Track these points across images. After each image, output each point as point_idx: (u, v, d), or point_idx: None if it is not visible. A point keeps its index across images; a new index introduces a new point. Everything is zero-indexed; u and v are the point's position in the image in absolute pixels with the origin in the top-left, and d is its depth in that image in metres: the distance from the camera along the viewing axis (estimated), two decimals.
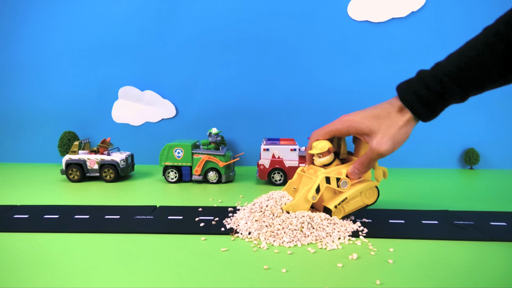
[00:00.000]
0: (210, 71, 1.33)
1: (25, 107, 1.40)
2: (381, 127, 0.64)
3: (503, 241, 0.63)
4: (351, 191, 0.69)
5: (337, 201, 0.68)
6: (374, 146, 0.64)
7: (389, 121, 0.64)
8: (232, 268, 0.54)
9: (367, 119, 0.66)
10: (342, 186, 0.69)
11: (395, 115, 0.64)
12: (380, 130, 0.64)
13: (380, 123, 0.64)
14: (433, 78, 0.60)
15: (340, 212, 0.69)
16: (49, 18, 1.34)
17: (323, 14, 1.26)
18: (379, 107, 0.66)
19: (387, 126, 0.64)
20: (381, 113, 0.65)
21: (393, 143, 0.63)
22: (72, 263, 0.55)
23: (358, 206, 0.71)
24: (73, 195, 0.96)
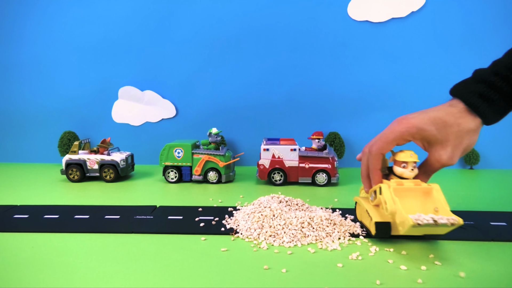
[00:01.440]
0: (210, 71, 1.33)
1: (25, 107, 1.40)
2: (450, 137, 0.58)
3: (503, 241, 0.63)
4: None
5: None
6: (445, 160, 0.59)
7: (458, 130, 0.58)
8: (232, 268, 0.54)
9: (433, 125, 0.59)
10: None
11: (464, 122, 0.58)
12: (449, 142, 0.58)
13: (448, 132, 0.58)
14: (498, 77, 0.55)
15: None
16: (49, 18, 1.34)
17: (323, 14, 1.26)
18: (442, 110, 0.59)
19: (456, 137, 0.58)
20: (447, 119, 0.58)
21: (462, 154, 0.60)
22: (72, 263, 0.55)
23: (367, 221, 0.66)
24: (73, 195, 0.96)
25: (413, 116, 0.60)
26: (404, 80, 1.26)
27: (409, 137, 0.60)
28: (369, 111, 1.29)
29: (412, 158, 0.61)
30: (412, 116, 0.60)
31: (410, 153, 0.62)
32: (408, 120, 0.60)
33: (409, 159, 0.61)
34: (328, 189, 1.01)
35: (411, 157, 0.61)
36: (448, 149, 0.59)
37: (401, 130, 0.60)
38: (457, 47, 1.24)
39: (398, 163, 0.62)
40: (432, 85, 1.25)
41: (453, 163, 0.60)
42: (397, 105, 1.27)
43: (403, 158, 0.62)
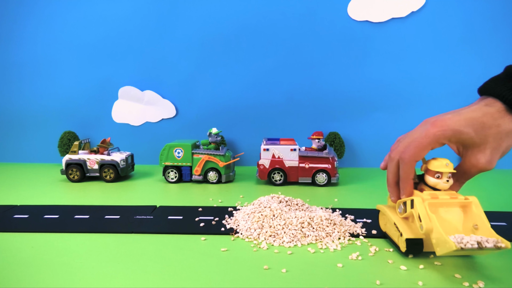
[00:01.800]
0: (210, 71, 1.33)
1: (25, 107, 1.40)
2: (489, 139, 0.53)
3: None
4: None
5: None
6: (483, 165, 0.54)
7: (498, 132, 0.53)
8: (232, 268, 0.54)
9: (470, 127, 0.53)
10: None
11: (504, 123, 0.53)
12: (488, 144, 0.53)
13: (486, 134, 0.53)
14: None
15: None
16: (49, 18, 1.34)
17: (323, 14, 1.26)
18: (478, 110, 0.54)
19: (495, 139, 0.53)
20: (485, 120, 0.53)
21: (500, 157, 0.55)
22: (72, 263, 0.55)
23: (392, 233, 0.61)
24: (73, 195, 0.96)
25: (448, 117, 0.54)
26: (404, 80, 1.26)
27: (445, 141, 0.55)
28: (369, 111, 1.29)
29: (448, 168, 0.55)
30: (446, 117, 0.54)
31: (445, 162, 0.56)
32: (444, 122, 0.54)
33: (444, 169, 0.55)
34: (328, 189, 1.01)
35: (446, 166, 0.55)
36: (487, 152, 0.54)
37: (436, 133, 0.54)
38: (457, 47, 1.24)
39: (432, 172, 0.56)
40: (432, 85, 1.25)
41: (492, 168, 0.54)
42: (397, 105, 1.27)
43: (438, 168, 0.55)
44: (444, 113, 0.56)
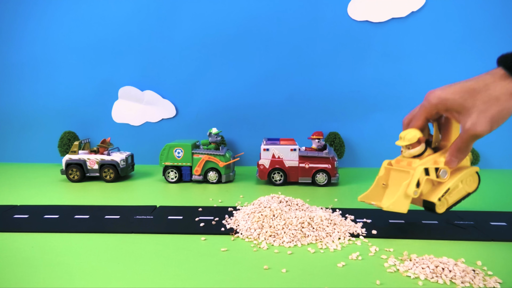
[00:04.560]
0: (210, 71, 1.33)
1: (25, 107, 1.40)
2: (476, 103, 0.54)
3: (503, 241, 0.63)
4: (452, 181, 0.62)
5: (440, 193, 0.62)
6: (468, 127, 0.55)
7: (487, 95, 0.53)
8: (232, 268, 0.54)
9: (458, 94, 0.55)
10: (442, 176, 0.62)
11: (496, 87, 0.53)
12: (475, 107, 0.54)
13: (475, 99, 0.54)
14: None
15: (443, 205, 0.64)
16: (49, 18, 1.34)
17: (323, 14, 1.26)
18: (475, 78, 0.56)
19: (483, 102, 0.53)
20: (476, 85, 0.54)
21: (491, 123, 0.54)
22: (72, 263, 0.55)
23: (461, 195, 0.66)
24: (73, 195, 0.96)
25: (441, 88, 0.58)
26: (404, 80, 1.26)
27: (435, 110, 0.58)
28: (369, 111, 1.29)
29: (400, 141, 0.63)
30: (438, 89, 0.58)
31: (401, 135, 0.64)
32: (433, 93, 0.58)
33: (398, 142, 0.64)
34: (328, 189, 1.01)
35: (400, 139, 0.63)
36: (473, 116, 0.54)
37: (425, 104, 0.59)
38: (457, 47, 1.24)
39: None
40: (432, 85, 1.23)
41: (478, 132, 0.54)
42: (397, 105, 1.27)
43: None
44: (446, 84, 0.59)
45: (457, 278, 0.49)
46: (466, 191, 0.66)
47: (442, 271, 0.51)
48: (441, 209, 0.64)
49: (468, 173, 0.65)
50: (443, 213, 0.65)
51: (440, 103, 0.57)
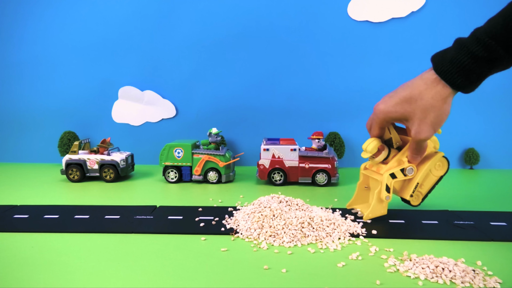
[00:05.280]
0: (210, 71, 1.32)
1: (25, 107, 1.40)
2: (415, 112, 0.58)
3: (503, 241, 0.63)
4: (420, 174, 0.69)
5: (411, 190, 0.69)
6: (413, 135, 0.60)
7: (424, 104, 0.57)
8: (232, 268, 0.54)
9: (399, 105, 0.60)
10: (409, 174, 0.68)
11: (430, 95, 0.57)
12: (416, 115, 0.58)
13: (413, 108, 0.58)
14: (475, 43, 0.53)
15: (418, 197, 0.70)
16: (50, 18, 1.34)
17: (323, 14, 1.26)
18: (410, 86, 0.60)
19: (421, 111, 0.57)
20: (412, 94, 0.58)
21: (433, 128, 0.59)
22: (72, 263, 0.55)
23: (432, 182, 0.71)
24: (73, 195, 0.96)
25: (384, 100, 0.63)
26: (404, 80, 1.25)
27: (384, 122, 0.64)
28: (369, 111, 1.27)
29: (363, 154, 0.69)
30: (385, 101, 0.63)
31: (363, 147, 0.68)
32: (377, 107, 0.63)
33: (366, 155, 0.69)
34: (328, 189, 1.01)
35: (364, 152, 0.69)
36: (416, 124, 0.59)
37: (375, 118, 0.65)
38: None
39: None
40: None
41: (422, 138, 0.60)
42: None
43: None
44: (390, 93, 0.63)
45: (457, 278, 0.49)
46: (437, 176, 0.71)
47: (442, 271, 0.51)
48: (416, 202, 0.71)
49: (435, 160, 0.70)
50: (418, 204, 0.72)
51: (386, 116, 0.62)
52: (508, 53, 0.52)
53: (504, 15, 0.53)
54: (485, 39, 0.52)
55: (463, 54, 0.54)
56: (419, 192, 0.71)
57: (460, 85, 0.56)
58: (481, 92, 1.26)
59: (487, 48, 0.52)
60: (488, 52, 0.53)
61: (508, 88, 1.25)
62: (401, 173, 0.68)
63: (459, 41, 0.57)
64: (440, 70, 0.57)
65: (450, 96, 0.57)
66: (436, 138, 0.71)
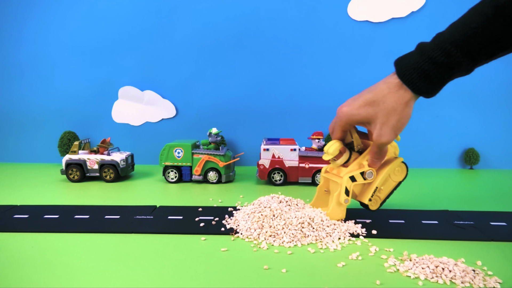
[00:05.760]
0: (210, 71, 1.33)
1: (25, 107, 1.40)
2: (378, 115, 0.59)
3: (503, 241, 0.63)
4: (379, 179, 0.68)
5: (369, 194, 0.69)
6: (374, 138, 0.61)
7: (386, 107, 0.58)
8: (232, 268, 0.54)
9: (362, 108, 0.60)
10: (368, 178, 0.68)
11: (392, 98, 0.58)
12: (378, 119, 0.59)
13: (376, 111, 0.59)
14: (437, 49, 0.54)
15: (376, 202, 0.70)
16: (50, 18, 1.34)
17: (323, 14, 1.26)
18: (374, 89, 0.61)
19: (384, 114, 0.58)
20: (376, 98, 0.59)
21: (394, 132, 0.59)
22: (72, 263, 0.55)
23: (391, 187, 0.71)
24: (73, 195, 0.96)
25: (348, 103, 0.63)
26: None
27: (347, 125, 0.64)
28: None
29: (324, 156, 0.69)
30: (348, 103, 0.63)
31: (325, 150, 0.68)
32: (341, 109, 0.63)
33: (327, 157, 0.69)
34: None
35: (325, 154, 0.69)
36: (377, 127, 0.59)
37: (337, 121, 0.65)
38: None
39: None
40: None
41: (383, 141, 0.60)
42: None
43: None
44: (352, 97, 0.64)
45: (457, 278, 0.49)
46: (395, 181, 0.71)
47: (442, 271, 0.51)
48: (375, 206, 0.70)
49: (395, 165, 0.70)
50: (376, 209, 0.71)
51: (349, 119, 0.62)
52: (469, 59, 0.53)
53: (464, 21, 0.54)
54: (446, 46, 0.54)
55: (424, 59, 0.55)
56: (378, 196, 0.70)
57: (421, 90, 0.57)
58: (481, 92, 1.27)
59: (448, 55, 0.53)
60: (449, 58, 0.54)
61: (508, 88, 1.25)
62: (360, 177, 0.68)
63: (421, 46, 0.58)
64: (402, 75, 0.57)
65: (411, 100, 0.58)
66: (396, 144, 0.72)
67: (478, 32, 0.52)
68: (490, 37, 0.52)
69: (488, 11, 0.51)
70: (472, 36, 0.52)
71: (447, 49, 0.54)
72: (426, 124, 1.28)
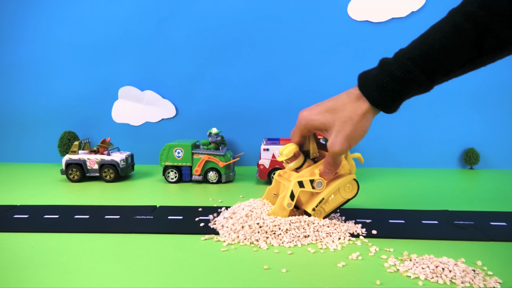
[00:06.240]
0: (210, 71, 1.33)
1: (25, 107, 1.40)
2: (335, 123, 0.59)
3: (503, 241, 0.63)
4: (327, 191, 0.67)
5: (314, 204, 0.67)
6: (328, 147, 0.60)
7: (344, 116, 0.59)
8: (232, 268, 0.54)
9: (321, 114, 0.61)
10: (317, 187, 0.67)
11: (350, 108, 0.59)
12: (334, 127, 0.59)
13: (334, 118, 0.59)
14: (395, 63, 0.56)
15: (320, 213, 0.68)
16: (49, 18, 1.34)
17: (323, 14, 1.26)
18: (336, 98, 0.62)
19: (341, 122, 0.59)
20: (336, 106, 0.60)
21: (348, 142, 0.59)
22: (72, 263, 0.55)
23: (338, 203, 0.69)
24: (73, 195, 0.96)
25: (309, 108, 0.64)
26: None
27: (305, 130, 0.64)
28: None
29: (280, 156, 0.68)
30: (310, 108, 0.64)
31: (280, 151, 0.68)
32: (302, 113, 0.64)
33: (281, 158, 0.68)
34: None
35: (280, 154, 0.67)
36: (332, 135, 0.59)
37: (297, 124, 0.65)
38: None
39: None
40: None
41: (336, 150, 0.59)
42: None
43: None
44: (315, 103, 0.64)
45: (457, 278, 0.49)
46: (344, 197, 0.70)
47: (442, 271, 0.51)
48: (319, 216, 0.68)
49: (346, 181, 0.68)
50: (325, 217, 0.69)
51: (308, 123, 0.62)
52: (424, 75, 0.54)
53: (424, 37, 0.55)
54: (403, 60, 0.55)
55: (382, 72, 0.57)
56: (322, 208, 0.68)
57: (378, 102, 0.58)
58: (481, 92, 1.27)
59: (404, 68, 0.55)
60: (405, 72, 0.55)
61: (508, 88, 1.25)
62: (309, 184, 0.66)
63: (382, 61, 0.59)
64: (361, 86, 0.59)
65: (369, 112, 0.59)
66: (353, 163, 0.70)
67: (434, 48, 0.53)
68: (446, 55, 0.53)
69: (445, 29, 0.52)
70: (427, 51, 0.53)
71: (404, 64, 0.55)
72: (426, 124, 1.28)
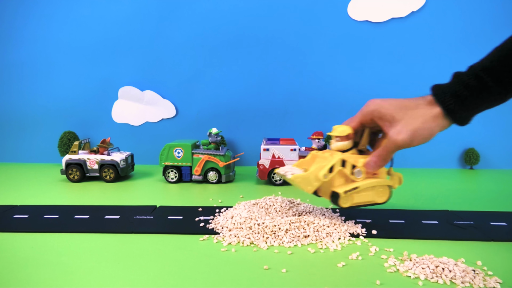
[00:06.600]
0: (210, 71, 1.33)
1: (25, 107, 1.40)
2: (405, 117, 0.61)
3: (503, 241, 0.63)
4: (365, 182, 0.66)
5: (348, 188, 0.65)
6: (391, 135, 0.60)
7: (415, 113, 0.60)
8: (232, 268, 0.54)
9: (393, 106, 0.62)
10: (356, 175, 0.65)
11: (423, 108, 0.61)
12: (403, 120, 0.60)
13: (404, 113, 0.61)
14: (468, 74, 0.58)
15: (348, 200, 0.66)
16: (49, 18, 1.34)
17: (323, 14, 1.26)
18: (410, 99, 0.63)
19: (410, 117, 0.60)
20: (409, 104, 0.62)
21: (412, 135, 0.59)
22: (72, 263, 0.55)
23: (367, 200, 0.67)
24: (73, 195, 0.96)
25: (384, 99, 0.64)
26: (404, 80, 1.26)
27: (370, 115, 0.64)
28: None
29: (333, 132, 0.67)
30: (383, 99, 0.64)
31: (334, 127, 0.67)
32: (374, 101, 0.64)
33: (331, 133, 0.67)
34: None
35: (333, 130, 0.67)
36: (399, 126, 0.60)
37: (363, 109, 0.65)
38: (457, 47, 1.24)
39: None
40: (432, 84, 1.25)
41: (400, 140, 0.59)
42: None
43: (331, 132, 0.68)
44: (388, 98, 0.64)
45: (457, 278, 0.49)
46: (374, 199, 0.68)
47: (442, 271, 0.51)
48: (345, 203, 0.66)
49: (382, 183, 0.67)
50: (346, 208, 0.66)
51: (376, 110, 0.63)
52: (497, 84, 0.57)
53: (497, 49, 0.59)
54: (476, 71, 0.58)
55: (456, 82, 0.60)
56: (352, 196, 0.66)
57: (451, 108, 0.59)
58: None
59: (477, 78, 0.58)
60: (478, 82, 0.57)
61: None
62: (350, 168, 0.65)
63: (456, 73, 0.61)
64: (435, 93, 0.61)
65: (440, 118, 0.60)
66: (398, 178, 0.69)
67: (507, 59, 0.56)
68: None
69: None
70: (501, 62, 0.56)
71: (477, 74, 0.58)
72: None
